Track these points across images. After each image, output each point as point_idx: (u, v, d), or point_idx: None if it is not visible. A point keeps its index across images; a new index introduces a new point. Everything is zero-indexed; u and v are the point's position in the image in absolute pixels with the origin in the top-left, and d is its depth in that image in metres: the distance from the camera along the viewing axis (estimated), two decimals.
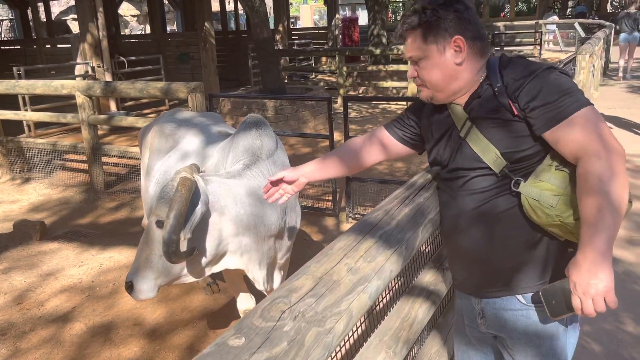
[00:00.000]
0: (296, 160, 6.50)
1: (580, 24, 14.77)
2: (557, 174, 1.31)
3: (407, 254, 1.42)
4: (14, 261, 4.18)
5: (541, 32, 16.25)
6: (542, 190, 1.31)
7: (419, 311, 1.74)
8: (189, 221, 1.96)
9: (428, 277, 1.96)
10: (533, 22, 17.81)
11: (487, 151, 1.40)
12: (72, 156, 6.55)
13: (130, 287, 2.15)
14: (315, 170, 1.74)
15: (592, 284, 1.15)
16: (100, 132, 8.05)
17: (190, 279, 2.23)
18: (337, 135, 5.69)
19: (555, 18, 18.83)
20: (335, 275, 1.18)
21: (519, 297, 1.44)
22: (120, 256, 4.19)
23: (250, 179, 2.29)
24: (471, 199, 1.46)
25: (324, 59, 14.46)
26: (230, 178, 2.26)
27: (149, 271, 2.13)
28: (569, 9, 24.67)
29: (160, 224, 2.05)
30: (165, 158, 2.85)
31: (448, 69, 1.42)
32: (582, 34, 13.38)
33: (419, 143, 1.67)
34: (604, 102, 9.18)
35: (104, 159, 5.89)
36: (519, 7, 27.21)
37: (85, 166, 6.03)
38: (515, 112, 1.34)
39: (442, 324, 2.21)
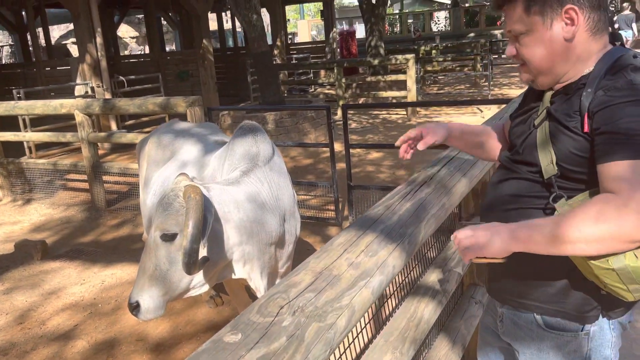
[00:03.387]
0: (297, 171, 6.47)
1: None
2: None
3: (410, 249, 1.37)
4: (16, 281, 4.14)
5: None
6: None
7: (425, 311, 1.70)
8: (204, 229, 1.89)
9: (433, 277, 1.91)
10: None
11: (545, 151, 1.23)
12: (73, 176, 6.53)
13: (135, 307, 2.06)
14: (453, 138, 1.60)
15: (472, 235, 1.19)
16: (100, 152, 8.07)
17: (197, 291, 2.16)
18: (338, 146, 5.66)
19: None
20: (336, 270, 1.13)
21: (537, 316, 1.33)
22: (123, 273, 4.15)
23: (249, 185, 2.26)
24: (509, 197, 1.33)
25: (322, 73, 14.50)
26: (229, 185, 2.22)
27: (155, 288, 2.03)
28: None
29: (166, 237, 1.97)
30: (163, 168, 2.82)
31: (555, 47, 1.21)
32: None
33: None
34: None
35: (105, 178, 5.87)
36: None
37: (86, 185, 6.01)
38: (586, 129, 1.15)
39: (449, 327, 2.15)
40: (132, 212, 5.59)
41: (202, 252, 1.98)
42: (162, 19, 17.48)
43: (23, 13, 12.20)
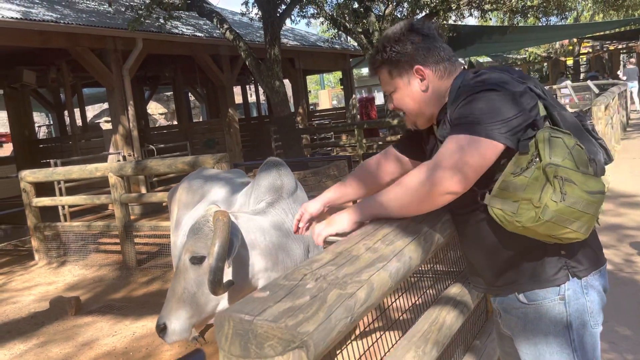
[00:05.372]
0: None
1: (594, 84, 15.13)
2: (516, 180, 1.30)
3: (426, 245, 1.46)
4: (50, 335, 4.24)
5: (555, 96, 16.55)
6: (504, 199, 1.32)
7: (446, 317, 1.75)
8: (230, 251, 2.00)
9: (454, 290, 1.96)
10: (547, 87, 18.15)
11: None
12: (106, 239, 6.76)
13: (163, 329, 2.17)
14: (337, 197, 1.78)
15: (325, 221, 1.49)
16: (132, 218, 8.33)
17: None
18: None
19: (568, 83, 19.20)
20: (355, 252, 1.23)
21: (519, 295, 1.46)
22: (153, 324, 4.20)
23: (275, 215, 2.38)
24: (457, 221, 1.58)
25: (344, 137, 14.89)
26: (256, 214, 2.35)
27: (182, 311, 2.14)
28: (581, 74, 25.16)
29: (195, 259, 2.09)
30: (193, 210, 2.97)
31: (417, 97, 1.51)
32: (597, 91, 13.63)
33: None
34: (627, 154, 9.18)
35: (136, 240, 6.07)
36: (531, 75, 27.82)
37: (117, 247, 6.21)
38: None
39: (475, 347, 2.17)
40: (161, 269, 5.72)
41: (228, 275, 2.08)
42: (190, 93, 18.34)
43: (61, 94, 13.00)
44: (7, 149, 21.92)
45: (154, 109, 27.43)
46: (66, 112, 12.72)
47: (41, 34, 8.18)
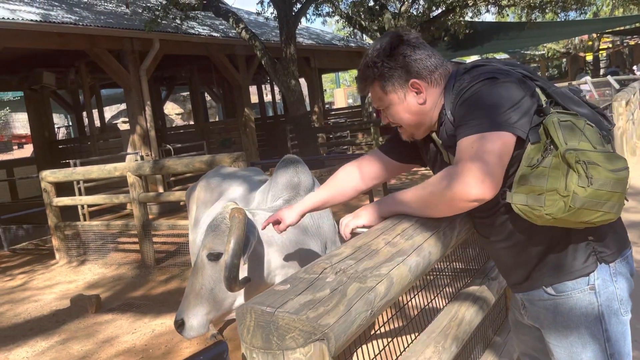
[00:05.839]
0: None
1: (614, 80, 14.86)
2: (535, 172, 1.28)
3: (445, 240, 1.45)
4: (72, 332, 4.30)
5: None
6: (527, 193, 1.29)
7: (466, 313, 1.73)
8: (246, 248, 2.01)
9: (474, 286, 1.95)
10: (566, 83, 17.93)
11: None
12: (124, 239, 6.85)
13: (181, 325, 2.18)
14: (316, 205, 1.78)
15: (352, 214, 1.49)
16: (150, 217, 8.42)
17: None
18: (377, 198, 5.76)
19: (588, 78, 18.93)
20: (374, 246, 1.23)
21: (547, 288, 1.44)
22: (172, 321, 4.22)
23: None
24: (479, 224, 1.54)
25: (360, 136, 14.86)
26: (273, 211, 2.35)
27: (200, 307, 2.16)
28: (601, 70, 24.80)
29: (212, 256, 2.11)
30: (211, 208, 2.98)
31: (415, 110, 1.46)
32: (617, 87, 13.41)
33: (418, 158, 1.68)
34: None
35: (154, 239, 6.13)
36: (550, 72, 27.53)
37: (136, 246, 6.28)
38: None
39: (495, 343, 2.15)
40: (179, 268, 5.76)
41: (244, 272, 2.09)
42: (206, 93, 18.46)
43: (80, 96, 13.17)
44: (28, 150, 22.32)
45: (171, 109, 27.67)
46: (85, 113, 12.90)
47: (60, 36, 8.30)
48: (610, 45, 26.14)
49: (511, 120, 1.28)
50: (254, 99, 18.27)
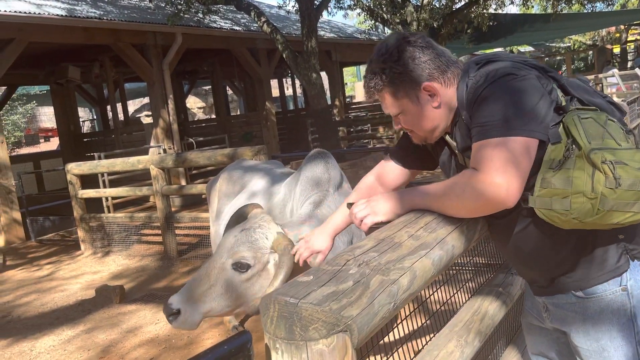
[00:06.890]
0: None
1: None
2: (558, 175, 1.22)
3: (468, 234, 1.43)
4: (97, 322, 4.38)
5: (602, 86, 15.96)
6: (551, 197, 1.22)
7: (489, 307, 1.72)
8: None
9: (497, 280, 1.93)
10: (592, 76, 17.56)
11: None
12: (147, 231, 6.95)
13: (175, 313, 2.00)
14: (344, 224, 1.75)
15: (365, 206, 1.40)
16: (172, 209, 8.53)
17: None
18: None
19: (615, 71, 18.52)
20: (397, 239, 1.22)
21: (576, 292, 1.39)
22: None
23: (322, 221, 2.31)
24: (496, 225, 1.46)
25: (381, 129, 14.79)
26: (302, 224, 2.24)
27: (202, 305, 1.99)
28: (629, 62, 24.24)
29: (237, 265, 1.90)
30: (234, 200, 3.00)
31: (430, 114, 1.39)
32: None
33: (430, 162, 1.62)
34: None
35: (177, 231, 6.21)
36: (576, 65, 27.01)
37: (159, 239, 6.36)
38: None
39: (519, 339, 2.13)
40: (201, 260, 5.83)
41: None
42: (227, 87, 18.56)
43: (104, 90, 13.37)
44: (54, 143, 22.75)
45: (193, 103, 27.90)
46: (109, 107, 13.09)
47: (85, 31, 8.42)
48: (639, 37, 25.52)
49: (532, 124, 1.22)
50: (275, 92, 18.31)
